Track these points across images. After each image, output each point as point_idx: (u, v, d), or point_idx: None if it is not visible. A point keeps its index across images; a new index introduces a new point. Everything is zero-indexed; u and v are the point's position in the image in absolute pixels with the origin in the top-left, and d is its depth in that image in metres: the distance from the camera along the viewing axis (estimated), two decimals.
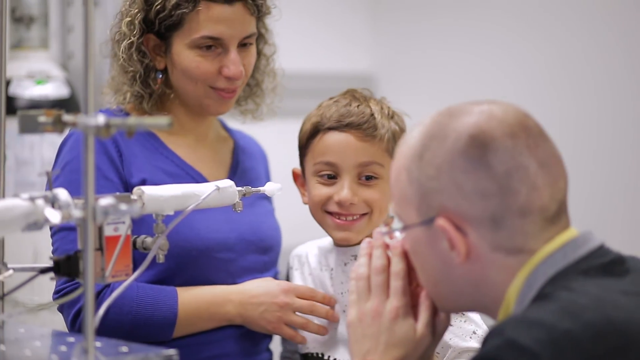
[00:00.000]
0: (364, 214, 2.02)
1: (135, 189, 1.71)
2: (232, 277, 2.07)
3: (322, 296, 2.03)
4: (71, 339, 1.72)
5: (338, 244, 2.07)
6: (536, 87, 3.78)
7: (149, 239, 1.77)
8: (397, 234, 1.58)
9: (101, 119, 1.35)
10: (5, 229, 1.44)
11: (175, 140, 2.12)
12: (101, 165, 1.99)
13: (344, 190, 2.00)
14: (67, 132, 2.03)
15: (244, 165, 2.21)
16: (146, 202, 1.70)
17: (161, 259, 1.76)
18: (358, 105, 2.03)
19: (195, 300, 1.99)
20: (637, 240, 3.34)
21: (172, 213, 1.76)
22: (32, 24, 3.13)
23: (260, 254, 2.13)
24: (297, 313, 2.01)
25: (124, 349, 1.65)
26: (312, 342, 2.04)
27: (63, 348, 1.66)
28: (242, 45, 2.09)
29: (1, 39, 1.82)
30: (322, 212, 2.04)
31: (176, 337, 1.99)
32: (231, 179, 2.09)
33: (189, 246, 2.00)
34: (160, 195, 1.73)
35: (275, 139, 3.32)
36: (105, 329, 1.88)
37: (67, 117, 1.39)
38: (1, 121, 1.82)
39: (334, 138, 2.02)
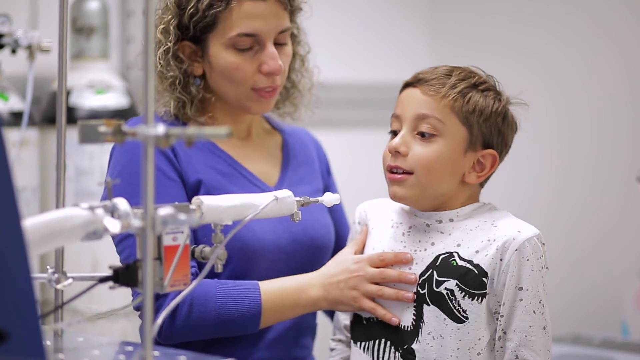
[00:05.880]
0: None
1: (194, 199, 1.72)
2: (280, 277, 2.04)
3: (394, 255, 1.91)
4: (129, 348, 1.73)
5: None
6: (607, 93, 3.74)
7: (207, 249, 1.77)
8: None
9: (161, 129, 1.35)
10: (64, 238, 1.44)
11: (222, 140, 2.08)
12: (162, 166, 2.00)
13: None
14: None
15: (295, 159, 2.21)
16: (205, 212, 1.71)
17: (219, 268, 1.76)
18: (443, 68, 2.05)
19: (278, 288, 1.97)
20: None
21: (230, 223, 1.76)
22: (93, 35, 3.16)
23: (311, 254, 2.11)
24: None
25: (182, 358, 1.66)
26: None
27: (121, 357, 1.66)
28: (278, 44, 2.08)
29: (62, 50, 1.84)
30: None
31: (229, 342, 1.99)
32: (283, 175, 2.10)
33: (245, 248, 2.01)
34: (219, 205, 1.73)
35: (345, 148, 3.32)
36: (191, 328, 1.89)
37: (127, 127, 1.40)
38: (62, 131, 1.83)
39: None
